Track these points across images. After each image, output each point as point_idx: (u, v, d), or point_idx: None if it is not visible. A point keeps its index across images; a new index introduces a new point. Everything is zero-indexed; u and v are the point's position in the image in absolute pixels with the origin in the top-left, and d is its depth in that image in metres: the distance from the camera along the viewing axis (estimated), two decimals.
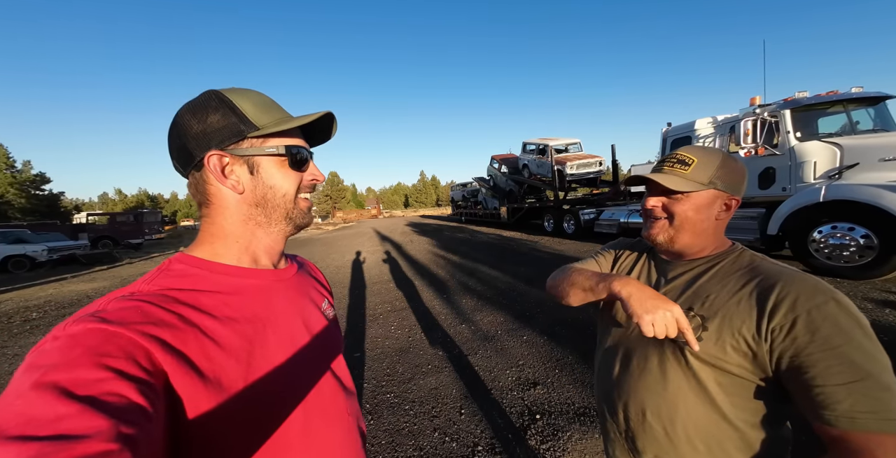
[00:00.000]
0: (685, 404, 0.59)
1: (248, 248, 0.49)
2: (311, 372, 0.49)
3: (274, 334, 0.45)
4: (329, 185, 58.07)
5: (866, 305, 3.21)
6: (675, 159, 0.64)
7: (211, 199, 0.46)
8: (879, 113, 4.65)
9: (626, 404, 0.66)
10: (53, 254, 10.98)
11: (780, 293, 0.52)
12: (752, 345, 0.53)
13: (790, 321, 0.50)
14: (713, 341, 0.56)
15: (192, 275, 0.43)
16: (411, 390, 2.35)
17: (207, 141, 0.44)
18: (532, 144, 12.40)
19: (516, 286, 4.88)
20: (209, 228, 0.48)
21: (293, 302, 0.51)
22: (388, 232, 16.83)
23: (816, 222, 4.13)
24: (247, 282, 0.46)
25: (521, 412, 2.02)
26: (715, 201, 0.63)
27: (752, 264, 0.60)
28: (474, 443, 1.79)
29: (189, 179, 0.47)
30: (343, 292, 5.23)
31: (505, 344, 2.98)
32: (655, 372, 0.62)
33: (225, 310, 0.42)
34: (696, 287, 0.62)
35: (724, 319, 0.56)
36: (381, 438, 1.87)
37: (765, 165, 4.87)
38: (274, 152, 0.47)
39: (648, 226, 0.68)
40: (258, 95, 0.48)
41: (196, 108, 0.44)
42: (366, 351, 3.04)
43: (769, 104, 4.87)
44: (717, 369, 0.56)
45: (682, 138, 6.15)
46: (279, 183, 0.48)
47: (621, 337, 0.70)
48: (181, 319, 0.37)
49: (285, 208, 0.49)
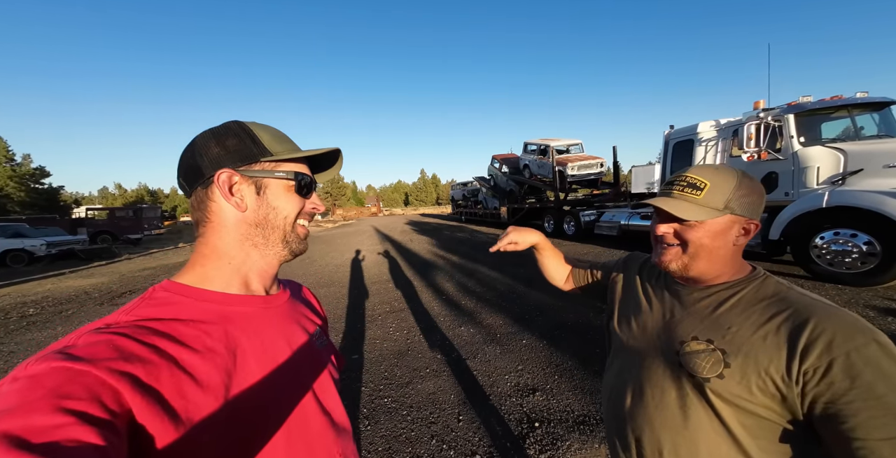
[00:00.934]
0: (707, 445, 0.55)
1: (240, 269, 0.48)
2: (298, 408, 0.46)
3: (258, 365, 0.43)
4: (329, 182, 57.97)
5: (868, 312, 3.19)
6: (686, 183, 0.59)
7: (210, 216, 0.47)
8: (884, 118, 4.62)
9: (639, 439, 0.62)
10: (52, 249, 10.95)
11: (815, 331, 0.48)
12: (780, 387, 0.49)
13: (826, 364, 0.46)
14: (736, 380, 0.52)
15: (175, 303, 0.42)
16: (409, 394, 2.33)
17: (221, 161, 0.46)
18: (533, 144, 12.36)
19: (516, 288, 4.86)
20: (202, 249, 0.47)
21: (282, 331, 0.50)
22: (387, 231, 16.80)
23: (819, 228, 4.11)
24: (233, 309, 0.45)
25: (520, 419, 2.00)
26: (732, 227, 0.58)
27: (778, 294, 0.55)
28: (472, 451, 1.77)
29: (192, 196, 0.48)
30: (342, 292, 5.21)
31: (504, 348, 2.96)
32: (674, 408, 0.58)
33: (206, 341, 0.40)
34: (715, 317, 0.58)
35: (749, 356, 0.52)
36: (378, 444, 1.86)
37: (767, 170, 4.84)
38: (283, 176, 0.50)
39: (660, 252, 0.63)
40: (276, 130, 0.52)
41: (217, 133, 0.48)
42: (364, 353, 3.02)
43: (773, 108, 4.84)
44: (742, 410, 0.52)
45: (685, 141, 6.11)
46: (282, 205, 0.50)
47: (633, 361, 0.67)
48: (156, 352, 0.36)
49: (284, 231, 0.50)
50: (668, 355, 0.60)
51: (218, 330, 0.42)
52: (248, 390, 0.41)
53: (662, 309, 0.66)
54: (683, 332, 0.60)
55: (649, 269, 0.76)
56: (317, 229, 23.06)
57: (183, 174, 0.48)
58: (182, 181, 0.48)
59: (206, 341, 0.40)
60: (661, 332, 0.64)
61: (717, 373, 0.53)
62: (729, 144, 5.43)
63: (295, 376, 0.47)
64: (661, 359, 0.61)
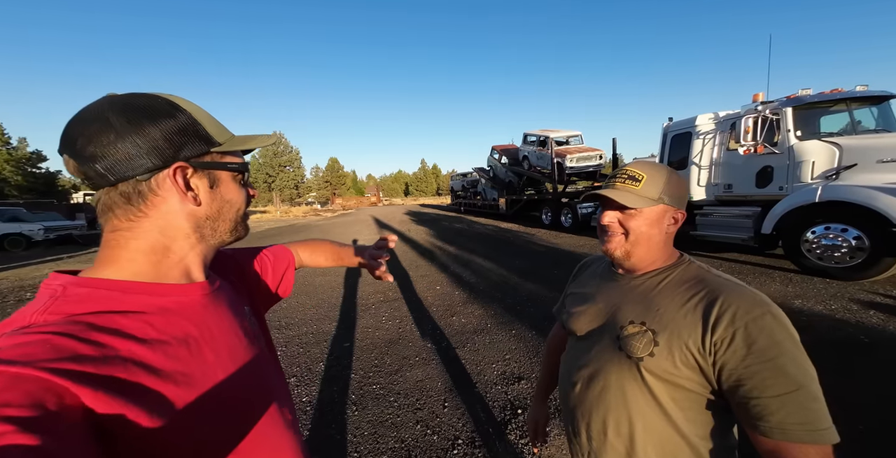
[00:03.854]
0: (642, 419, 0.60)
1: (181, 262, 0.46)
2: (256, 386, 0.48)
3: (212, 352, 0.43)
4: (329, 171, 57.59)
5: (852, 306, 3.24)
6: (626, 175, 0.65)
7: (148, 211, 0.42)
8: (882, 113, 4.58)
9: (588, 423, 0.67)
10: (50, 233, 10.96)
11: (722, 307, 0.54)
12: (698, 359, 0.55)
13: (730, 335, 0.52)
14: (664, 356, 0.57)
15: (102, 298, 0.38)
16: (397, 381, 2.39)
17: (165, 151, 0.41)
18: (533, 135, 12.24)
19: (510, 279, 4.91)
20: (131, 243, 0.42)
21: (226, 315, 0.49)
22: (386, 220, 16.81)
23: (811, 223, 4.13)
24: (171, 300, 0.43)
25: (504, 406, 2.06)
26: (664, 215, 0.65)
27: (697, 276, 0.62)
28: (455, 436, 1.84)
29: (116, 188, 0.41)
30: (338, 281, 5.26)
31: (494, 337, 3.02)
32: (615, 389, 0.63)
33: (151, 332, 0.38)
34: (648, 300, 0.64)
35: (673, 333, 0.57)
36: (364, 429, 1.92)
37: (763, 164, 4.83)
38: (235, 168, 0.49)
39: (605, 241, 0.69)
40: (204, 110, 0.48)
41: (144, 110, 0.41)
42: (355, 341, 3.08)
43: (772, 101, 4.79)
44: (671, 384, 0.58)
45: (683, 134, 6.06)
46: (234, 197, 0.49)
47: (583, 351, 0.71)
48: (102, 347, 0.34)
49: (235, 222, 0.50)
50: (611, 340, 0.65)
51: (161, 321, 0.40)
52: (209, 376, 0.41)
53: (607, 299, 0.71)
54: (623, 317, 0.65)
55: (594, 266, 0.83)
56: (315, 218, 23.04)
57: (103, 161, 0.39)
58: (99, 170, 0.39)
59: (152, 333, 0.38)
60: (606, 320, 0.68)
61: (648, 352, 0.58)
62: (726, 138, 5.40)
63: (250, 358, 0.48)
64: (606, 345, 0.66)
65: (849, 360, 2.34)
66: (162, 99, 0.43)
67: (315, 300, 4.36)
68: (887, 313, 3.03)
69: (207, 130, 0.46)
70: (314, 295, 4.59)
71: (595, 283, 0.77)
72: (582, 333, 0.72)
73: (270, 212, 31.12)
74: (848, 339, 2.64)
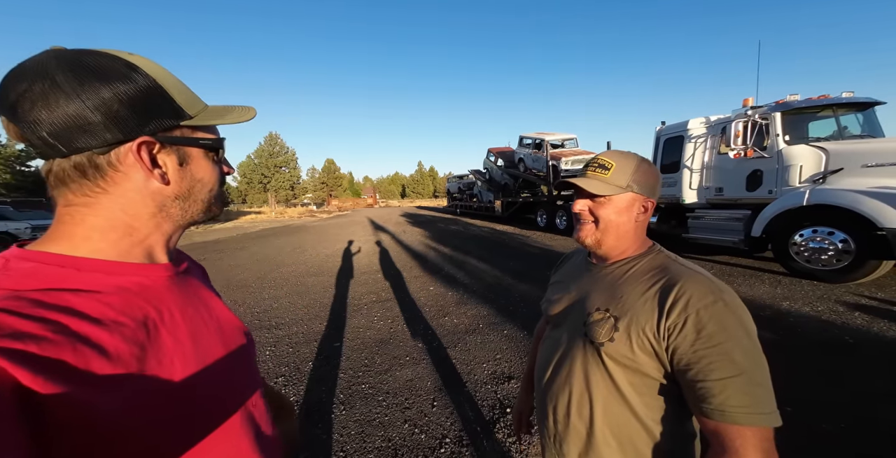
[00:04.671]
0: (602, 404, 0.62)
1: (143, 241, 0.42)
2: (220, 376, 0.44)
3: (173, 339, 0.39)
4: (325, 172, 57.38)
5: (838, 308, 3.29)
6: (597, 164, 0.66)
7: (108, 187, 0.38)
8: (868, 119, 4.69)
9: (555, 407, 0.68)
10: (37, 232, 10.77)
11: (678, 293, 0.55)
12: (653, 344, 0.56)
13: (682, 320, 0.53)
14: (623, 342, 0.58)
15: (50, 274, 0.34)
16: (386, 381, 2.37)
17: (128, 122, 0.37)
18: (528, 138, 12.31)
19: (503, 280, 4.91)
20: (88, 219, 0.38)
21: (192, 300, 0.46)
22: (382, 222, 16.76)
23: (799, 226, 4.19)
24: (130, 280, 0.39)
25: (493, 405, 2.06)
26: (633, 204, 0.66)
27: (662, 265, 0.63)
28: (443, 435, 1.82)
29: (70, 159, 0.36)
30: (330, 281, 5.23)
31: (485, 338, 3.01)
32: (579, 375, 0.64)
33: (107, 312, 0.35)
34: (613, 288, 0.65)
35: (632, 319, 0.58)
36: (351, 428, 1.90)
37: (753, 168, 4.90)
38: (208, 145, 0.44)
39: (578, 229, 0.70)
40: (174, 77, 0.42)
41: (104, 73, 0.36)
42: (345, 341, 3.06)
43: (761, 106, 4.87)
44: (629, 370, 0.59)
45: (675, 137, 6.14)
46: (207, 176, 0.45)
47: (556, 339, 0.72)
48: (49, 325, 0.31)
49: (207, 202, 0.47)
50: (579, 327, 0.66)
51: (119, 301, 0.37)
52: (164, 367, 0.37)
53: (579, 288, 0.72)
54: (591, 305, 0.66)
55: (575, 257, 0.85)
56: (311, 219, 22.91)
57: (50, 128, 0.34)
58: (46, 138, 0.34)
59: (109, 313, 0.35)
60: (577, 308, 0.70)
61: (609, 337, 0.59)
62: (717, 141, 5.47)
63: (212, 347, 0.44)
64: (574, 332, 0.67)
65: (834, 360, 2.37)
66: (120, 59, 0.38)
67: (307, 300, 4.33)
68: (871, 315, 3.08)
69: (176, 99, 0.41)
70: (306, 295, 4.56)
71: (572, 272, 0.79)
72: (556, 321, 0.74)
73: (266, 213, 30.91)
74: (834, 340, 2.67)
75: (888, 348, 2.50)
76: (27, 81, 0.34)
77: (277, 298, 4.50)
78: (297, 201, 45.06)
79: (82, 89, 0.35)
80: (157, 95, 0.39)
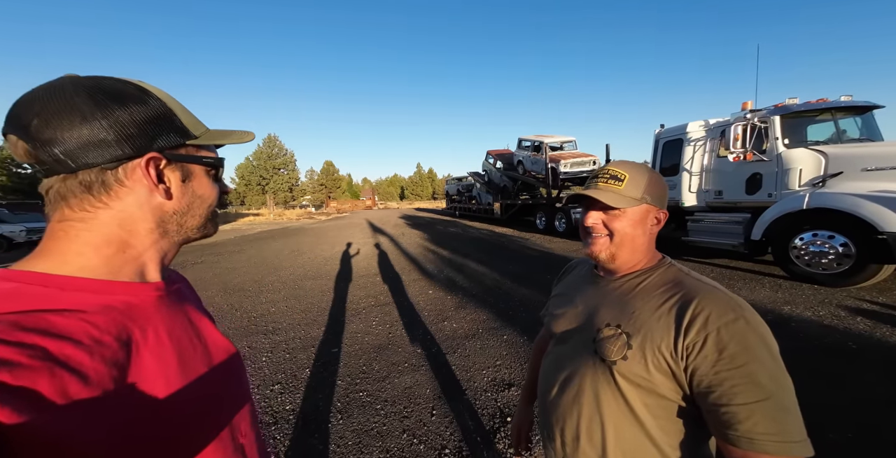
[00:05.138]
0: (614, 426, 0.58)
1: (138, 258, 0.42)
2: (206, 411, 0.43)
3: (155, 360, 0.38)
4: (324, 174, 57.34)
5: (840, 312, 3.27)
6: (609, 175, 0.64)
7: (110, 202, 0.39)
8: (866, 122, 4.69)
9: (562, 428, 0.64)
10: (33, 235, 10.69)
11: (696, 310, 0.52)
12: (670, 363, 0.53)
13: (702, 339, 0.50)
14: (637, 360, 0.55)
15: (31, 295, 0.34)
16: (385, 388, 2.33)
17: (138, 139, 0.39)
18: (527, 140, 12.33)
19: (503, 284, 4.88)
20: (83, 235, 0.39)
21: (181, 321, 0.45)
22: (380, 224, 16.72)
23: (799, 229, 4.18)
24: (118, 299, 0.39)
25: (493, 413, 2.02)
26: (648, 215, 0.64)
27: (675, 279, 0.60)
28: (442, 446, 1.78)
29: (78, 176, 0.37)
30: (328, 285, 5.18)
31: (485, 343, 2.98)
32: (589, 394, 0.61)
33: (91, 331, 0.34)
34: (624, 303, 0.62)
35: (647, 337, 0.55)
36: (349, 438, 1.86)
37: (752, 171, 4.90)
38: (211, 162, 0.47)
39: (590, 243, 0.67)
40: (174, 99, 0.45)
41: (118, 96, 0.39)
42: (343, 347, 3.02)
43: (760, 110, 4.88)
44: (644, 390, 0.56)
45: (674, 140, 6.14)
46: (207, 193, 0.47)
47: (562, 355, 0.69)
48: (27, 350, 0.30)
49: (204, 218, 0.48)
50: (588, 343, 0.63)
51: (103, 320, 0.36)
52: (146, 391, 0.36)
53: (586, 302, 0.69)
54: (600, 320, 0.63)
55: (579, 268, 0.81)
56: (309, 221, 22.85)
57: (63, 145, 0.36)
58: (57, 155, 0.36)
59: (93, 333, 0.34)
60: (584, 323, 0.67)
61: (622, 355, 0.56)
62: (716, 145, 5.47)
63: (204, 379, 0.43)
64: (582, 348, 0.64)
65: (837, 366, 2.34)
66: (132, 85, 0.41)
67: (304, 305, 4.28)
68: (874, 320, 3.06)
69: (183, 120, 0.44)
70: (303, 299, 4.51)
71: (577, 285, 0.75)
72: (561, 336, 0.71)
73: (264, 214, 30.82)
74: (836, 345, 2.65)
75: (891, 353, 2.48)
76: (43, 102, 0.36)
77: (275, 302, 4.45)
78: (296, 203, 44.97)
79: (97, 109, 0.37)
80: (166, 116, 0.42)
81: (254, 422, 0.50)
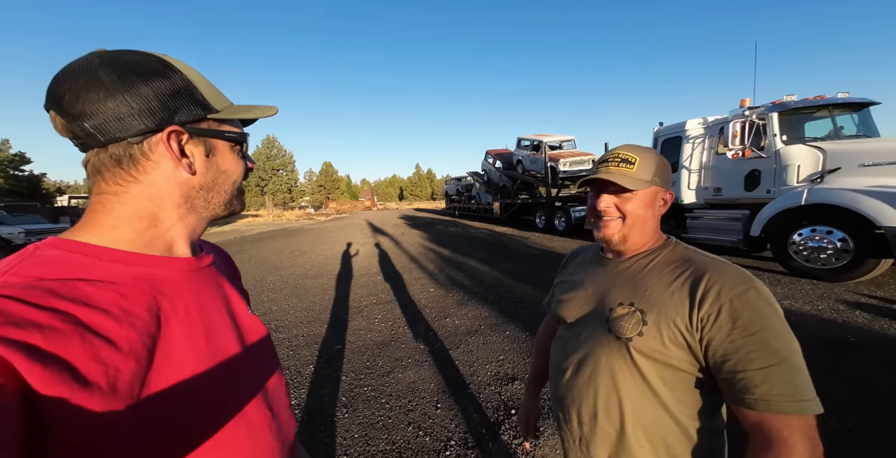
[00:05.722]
0: (631, 401, 0.60)
1: (167, 233, 0.43)
2: (232, 381, 0.43)
3: (184, 333, 0.39)
4: (323, 175, 57.31)
5: (838, 306, 3.30)
6: (619, 158, 0.65)
7: (139, 176, 0.41)
8: (863, 119, 4.73)
9: (579, 409, 0.66)
10: (31, 237, 10.65)
11: (708, 284, 0.54)
12: (686, 336, 0.55)
13: (716, 310, 0.52)
14: (653, 335, 0.57)
15: (72, 263, 0.35)
16: (389, 383, 2.35)
17: (159, 113, 0.39)
18: (526, 139, 12.35)
19: (503, 282, 4.90)
20: (117, 208, 0.40)
21: (212, 296, 0.46)
22: (380, 224, 16.73)
23: (797, 225, 4.21)
24: (151, 271, 0.40)
25: (497, 406, 2.03)
26: (656, 197, 0.66)
27: (684, 257, 0.63)
28: (447, 438, 1.80)
29: (105, 150, 0.39)
30: (330, 284, 5.19)
31: (487, 339, 3.00)
32: (605, 372, 0.62)
33: (122, 303, 0.35)
34: (636, 281, 0.64)
35: (661, 312, 0.57)
36: (355, 431, 1.87)
37: (751, 168, 4.93)
38: (234, 137, 0.47)
39: (602, 226, 0.68)
40: (201, 75, 0.45)
41: (136, 69, 0.39)
42: (346, 343, 3.03)
43: (758, 107, 4.91)
44: (660, 364, 0.58)
45: (673, 138, 6.17)
46: (231, 168, 0.47)
47: (573, 337, 0.70)
48: (59, 316, 0.31)
49: (230, 194, 0.48)
50: (601, 323, 0.64)
51: (135, 292, 0.37)
52: (174, 360, 0.37)
53: (596, 284, 0.71)
54: (612, 300, 0.65)
55: (583, 254, 0.83)
56: (309, 221, 22.84)
57: (91, 119, 0.37)
58: (87, 129, 0.37)
59: (123, 304, 0.35)
60: (596, 304, 0.68)
61: (637, 331, 0.58)
62: (715, 142, 5.50)
63: (230, 350, 0.44)
64: (596, 329, 0.65)
65: (837, 359, 2.37)
66: (154, 57, 0.41)
67: (306, 303, 4.29)
68: (872, 313, 3.09)
69: (204, 94, 0.44)
70: (305, 298, 4.52)
71: (584, 269, 0.77)
72: (572, 319, 0.72)
73: (263, 216, 30.78)
74: (835, 338, 2.68)
75: (889, 345, 2.51)
76: (72, 78, 0.37)
77: (276, 301, 4.46)
78: (295, 204, 44.93)
79: (120, 83, 0.38)
80: (186, 90, 0.42)
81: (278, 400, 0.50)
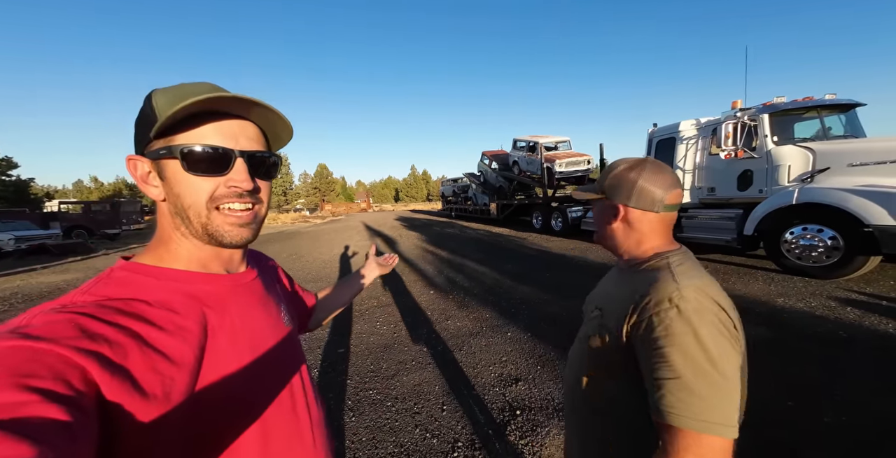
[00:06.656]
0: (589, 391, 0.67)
1: (190, 253, 0.46)
2: (270, 384, 0.48)
3: (229, 343, 0.43)
4: (318, 177, 57.01)
5: (830, 303, 3.38)
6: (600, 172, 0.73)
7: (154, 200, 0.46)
8: (850, 120, 4.85)
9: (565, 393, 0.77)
10: (21, 243, 10.47)
11: (646, 296, 0.58)
12: (622, 340, 0.60)
13: (641, 322, 0.57)
14: (604, 337, 0.63)
15: (135, 282, 0.41)
16: (394, 386, 2.37)
17: (137, 144, 0.44)
18: (522, 141, 12.43)
19: (503, 283, 4.93)
20: (157, 231, 0.47)
21: (251, 310, 0.49)
22: (377, 226, 16.70)
23: (789, 224, 4.31)
24: (197, 287, 0.44)
25: (503, 407, 2.06)
26: (606, 209, 0.69)
27: (657, 270, 0.62)
28: (455, 439, 1.82)
29: None
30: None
31: (489, 340, 3.02)
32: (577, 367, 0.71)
33: (175, 319, 0.40)
34: (611, 287, 0.71)
35: (612, 317, 0.63)
36: (362, 434, 1.89)
37: (743, 168, 5.03)
38: (166, 154, 0.41)
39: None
40: (192, 86, 0.42)
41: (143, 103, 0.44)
42: (350, 347, 3.04)
43: (749, 108, 5.01)
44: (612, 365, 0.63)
45: (667, 139, 6.27)
46: (184, 191, 0.42)
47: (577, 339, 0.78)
48: (122, 331, 0.35)
49: (199, 222, 0.43)
50: (584, 323, 0.74)
51: (185, 308, 0.41)
52: (221, 367, 0.41)
53: (603, 288, 0.79)
54: (594, 304, 0.73)
55: None
56: (305, 224, 22.71)
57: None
58: None
59: (176, 320, 0.40)
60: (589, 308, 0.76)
61: (595, 333, 0.65)
62: (708, 143, 5.61)
63: (267, 354, 0.47)
64: (581, 328, 0.75)
65: (830, 354, 2.44)
66: (153, 92, 0.43)
67: None
68: (862, 310, 3.17)
69: (157, 109, 0.40)
70: None
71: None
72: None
73: None
74: (828, 334, 2.75)
75: (880, 340, 2.58)
76: None
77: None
78: (290, 207, 44.67)
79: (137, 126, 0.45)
80: (148, 113, 0.42)
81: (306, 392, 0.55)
